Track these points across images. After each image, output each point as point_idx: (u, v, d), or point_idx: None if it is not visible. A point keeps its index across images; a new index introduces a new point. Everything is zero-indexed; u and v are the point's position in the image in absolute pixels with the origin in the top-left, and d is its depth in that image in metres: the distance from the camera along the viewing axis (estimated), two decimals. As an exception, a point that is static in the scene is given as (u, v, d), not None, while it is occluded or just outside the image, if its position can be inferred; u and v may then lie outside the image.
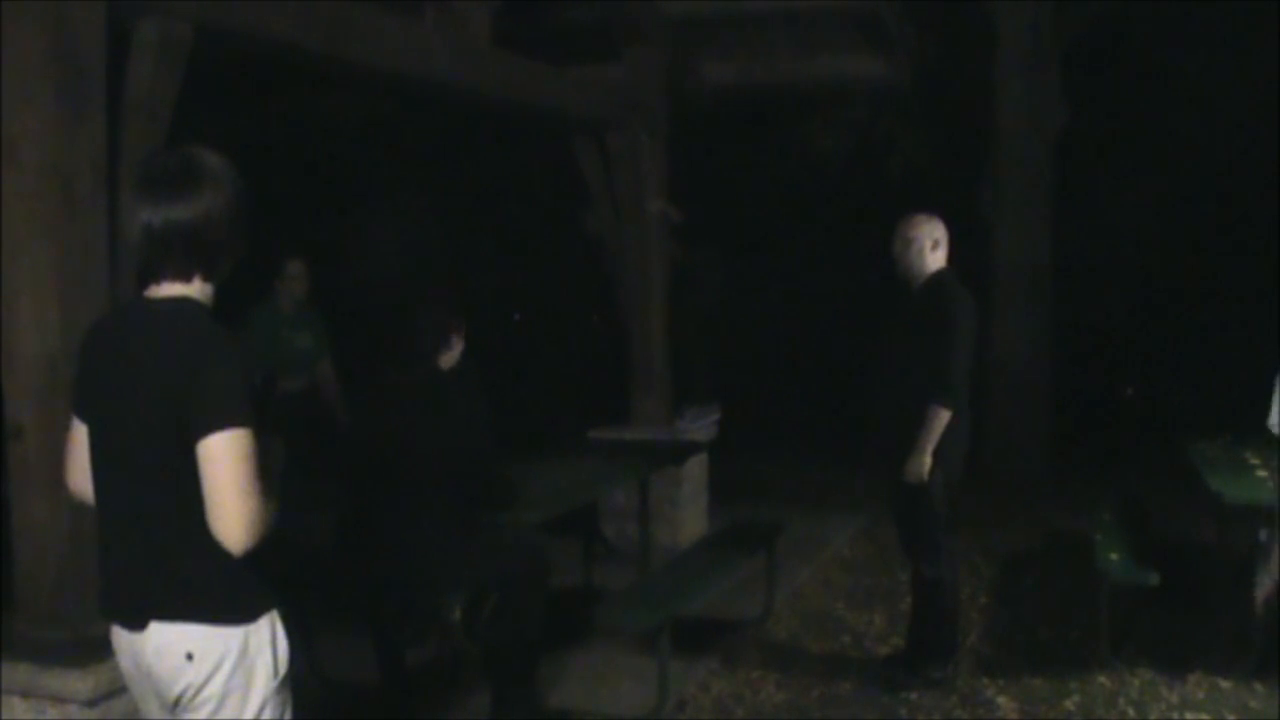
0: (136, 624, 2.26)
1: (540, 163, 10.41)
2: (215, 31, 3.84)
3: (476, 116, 7.90)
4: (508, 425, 4.90)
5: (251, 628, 2.25)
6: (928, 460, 4.51)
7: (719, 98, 8.27)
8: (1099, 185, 10.72)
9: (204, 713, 2.24)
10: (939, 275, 4.68)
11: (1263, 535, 4.93)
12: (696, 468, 7.18)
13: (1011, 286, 9.43)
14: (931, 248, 4.66)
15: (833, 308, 12.33)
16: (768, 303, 11.94)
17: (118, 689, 3.22)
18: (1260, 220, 10.30)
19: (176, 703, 2.25)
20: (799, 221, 11.99)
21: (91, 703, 3.22)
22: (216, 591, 2.22)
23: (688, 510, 7.11)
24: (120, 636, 2.32)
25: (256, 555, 2.22)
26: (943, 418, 4.49)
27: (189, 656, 2.21)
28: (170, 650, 2.22)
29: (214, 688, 2.22)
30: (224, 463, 2.11)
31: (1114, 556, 5.03)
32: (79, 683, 3.22)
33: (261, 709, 2.27)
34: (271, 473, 2.26)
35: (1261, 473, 5.17)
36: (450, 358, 4.38)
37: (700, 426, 7.33)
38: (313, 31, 4.35)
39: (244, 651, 2.24)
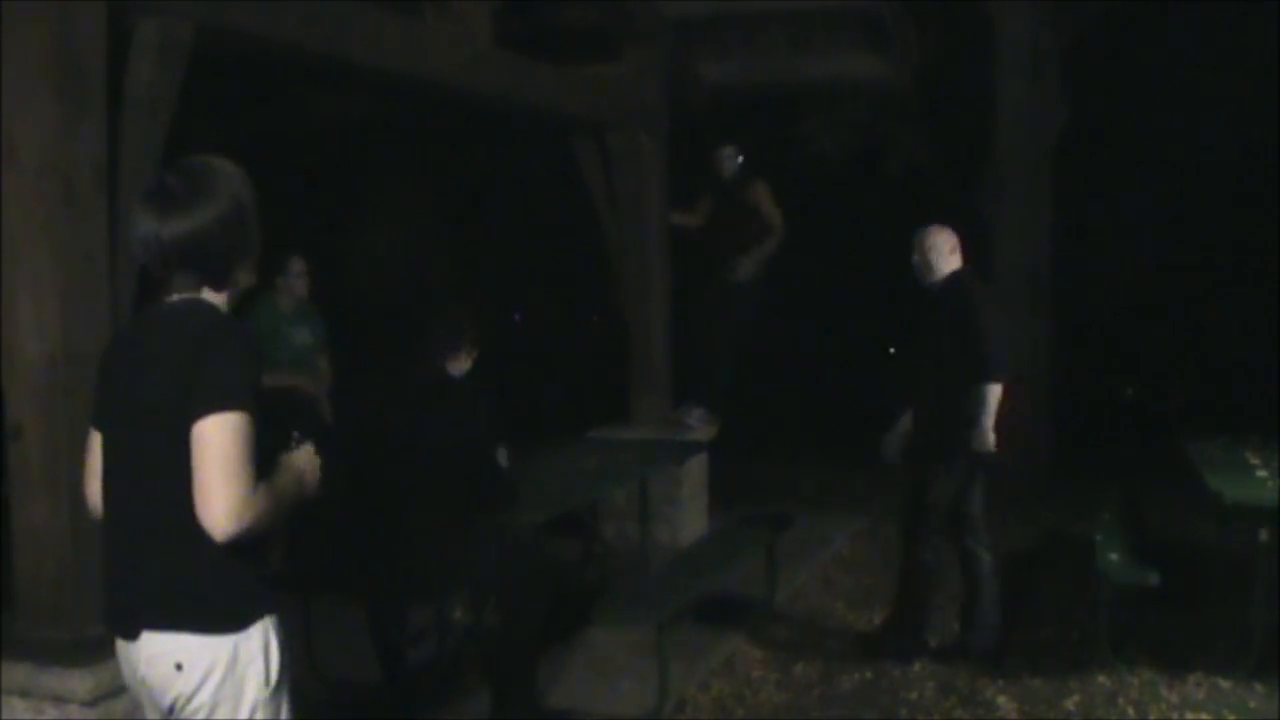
0: (130, 633, 2.27)
1: (540, 163, 10.41)
2: (215, 31, 3.84)
3: (476, 116, 7.89)
4: (508, 425, 4.91)
5: (241, 636, 2.24)
6: (990, 435, 4.78)
7: (719, 98, 8.26)
8: (1099, 185, 10.72)
9: (196, 719, 2.24)
10: (956, 274, 5.02)
11: (1262, 535, 4.93)
12: (696, 468, 7.18)
13: (1011, 286, 9.41)
14: (943, 253, 5.00)
15: (833, 307, 12.35)
16: (767, 302, 11.93)
17: (118, 689, 3.22)
18: (1260, 220, 10.30)
19: (169, 711, 2.26)
20: (798, 221, 11.98)
21: (91, 703, 3.22)
22: (206, 600, 2.22)
23: (688, 510, 7.11)
24: (119, 645, 2.33)
25: (251, 558, 2.23)
26: (995, 391, 4.77)
27: (178, 666, 2.21)
28: (160, 660, 2.23)
29: (204, 697, 2.22)
30: (214, 443, 2.11)
31: (1114, 556, 5.03)
32: (79, 683, 3.23)
33: (253, 714, 2.26)
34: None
35: (1261, 473, 5.18)
36: (459, 366, 4.41)
37: (701, 427, 7.33)
38: (313, 31, 4.35)
39: (234, 661, 2.23)
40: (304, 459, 2.36)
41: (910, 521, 5.15)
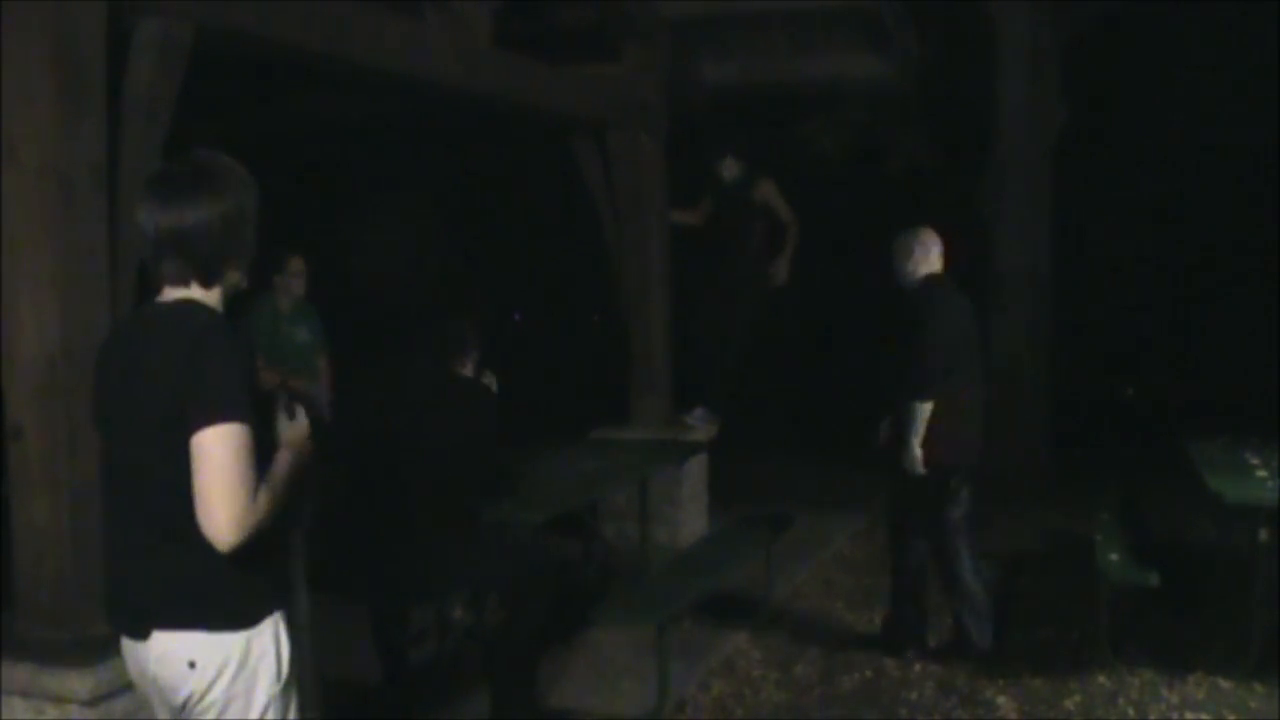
0: (139, 633, 2.27)
1: (540, 163, 10.41)
2: (215, 31, 3.84)
3: (476, 116, 7.89)
4: (508, 424, 4.91)
5: (253, 633, 2.25)
6: (916, 452, 4.82)
7: (719, 98, 8.26)
8: (1099, 185, 10.72)
9: (208, 717, 2.25)
10: (926, 279, 5.01)
11: (1262, 535, 4.93)
12: (696, 468, 7.18)
13: (1011, 286, 9.42)
14: (919, 255, 4.99)
15: (832, 307, 12.34)
16: (766, 301, 11.94)
17: (118, 689, 3.23)
18: (1260, 220, 10.30)
19: (182, 708, 2.27)
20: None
21: (91, 703, 3.22)
22: (216, 598, 2.22)
23: (688, 510, 7.11)
24: (126, 645, 2.33)
25: (259, 556, 2.23)
26: (923, 410, 4.79)
27: (191, 664, 2.22)
28: (172, 658, 2.23)
29: (216, 694, 2.23)
30: (215, 456, 2.11)
31: (1114, 556, 5.03)
32: (79, 683, 3.22)
33: (265, 712, 2.28)
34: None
35: (1261, 473, 5.17)
36: (464, 368, 4.42)
37: (702, 426, 7.33)
38: (313, 31, 4.35)
39: (245, 657, 2.24)
40: (298, 433, 2.36)
41: (897, 520, 5.24)
